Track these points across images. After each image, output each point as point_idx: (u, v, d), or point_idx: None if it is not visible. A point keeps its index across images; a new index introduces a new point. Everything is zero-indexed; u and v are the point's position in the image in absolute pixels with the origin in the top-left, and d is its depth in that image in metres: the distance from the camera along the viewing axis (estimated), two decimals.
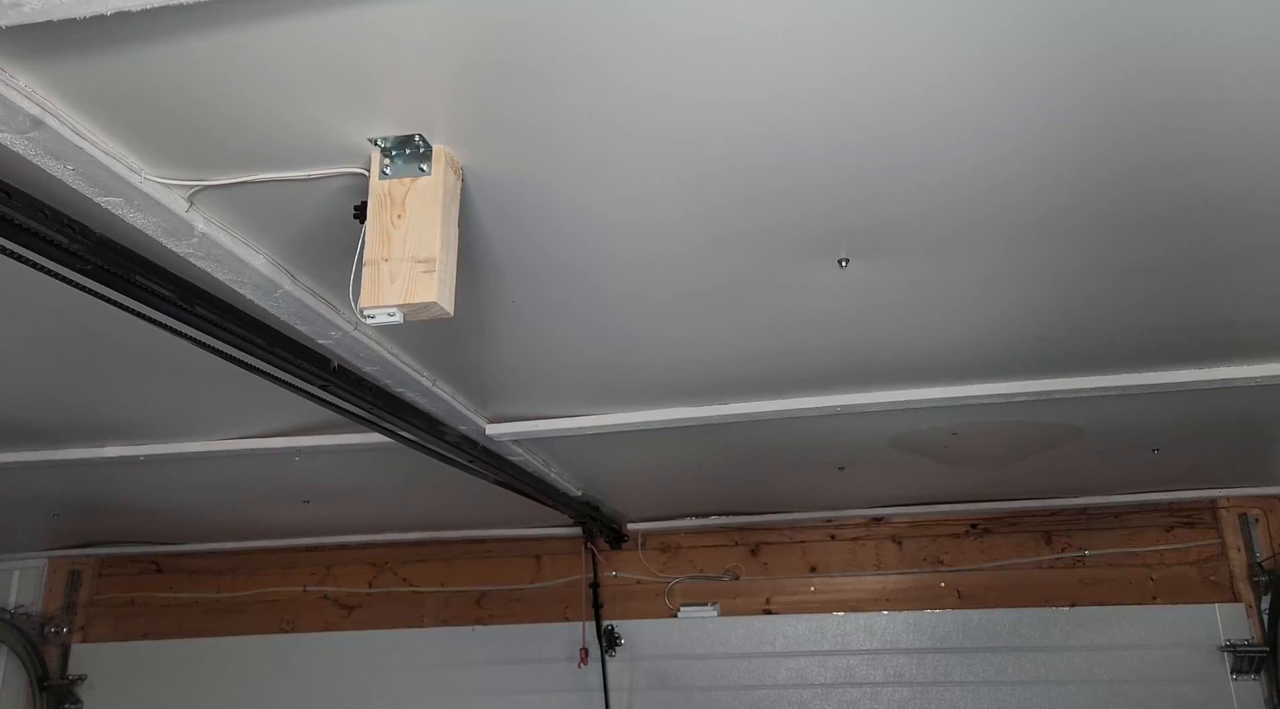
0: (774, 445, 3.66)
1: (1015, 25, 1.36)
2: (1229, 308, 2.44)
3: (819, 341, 2.63)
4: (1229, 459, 4.11)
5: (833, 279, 2.21)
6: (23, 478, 3.81)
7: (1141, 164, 1.74)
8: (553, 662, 5.16)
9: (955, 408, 3.18)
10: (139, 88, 1.46)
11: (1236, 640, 4.55)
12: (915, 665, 4.84)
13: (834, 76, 1.46)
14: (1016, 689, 4.69)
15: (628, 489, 4.52)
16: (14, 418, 3.17)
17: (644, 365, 2.81)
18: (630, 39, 1.37)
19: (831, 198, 1.83)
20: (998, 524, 5.02)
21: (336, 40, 1.36)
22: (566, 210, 1.87)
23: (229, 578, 5.76)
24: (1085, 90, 1.51)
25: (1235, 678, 4.51)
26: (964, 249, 2.07)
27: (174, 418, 3.24)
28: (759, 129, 1.60)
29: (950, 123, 1.59)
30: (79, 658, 5.69)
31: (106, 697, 5.59)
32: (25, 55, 1.38)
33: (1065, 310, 2.44)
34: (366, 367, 2.53)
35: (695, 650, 5.06)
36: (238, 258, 1.90)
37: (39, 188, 1.61)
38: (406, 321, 1.61)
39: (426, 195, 1.60)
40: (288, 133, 1.58)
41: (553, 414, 3.25)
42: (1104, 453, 3.84)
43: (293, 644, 5.53)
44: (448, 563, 5.53)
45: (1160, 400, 3.12)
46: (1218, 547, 4.77)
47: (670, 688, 5.03)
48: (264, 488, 4.21)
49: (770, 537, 5.25)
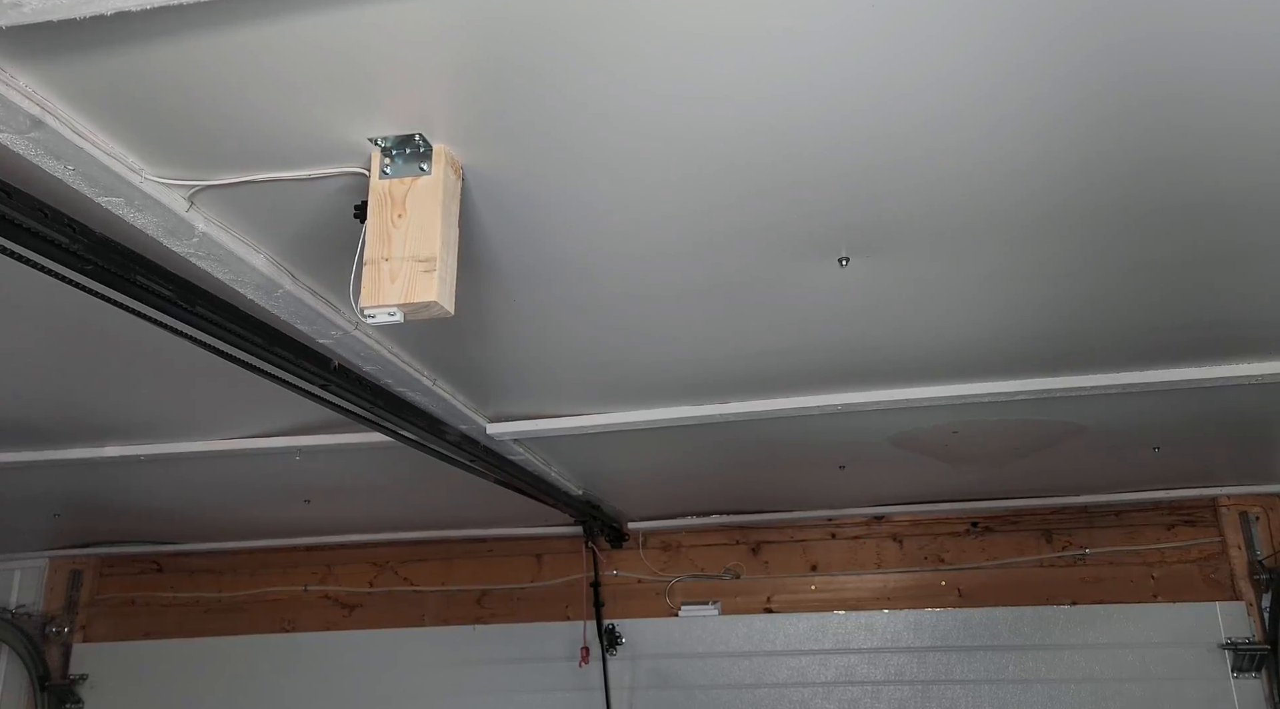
0: (775, 444, 3.66)
1: (1016, 24, 1.36)
2: (1230, 306, 2.44)
3: (820, 340, 2.63)
4: (1230, 457, 4.11)
5: (833, 277, 2.21)
6: (23, 478, 3.81)
7: (1142, 162, 1.73)
8: (553, 661, 5.16)
9: (956, 406, 3.18)
10: (139, 87, 1.46)
11: (1237, 638, 4.55)
12: (916, 664, 4.84)
13: (834, 75, 1.46)
14: (1017, 688, 4.69)
15: (628, 488, 4.52)
16: (14, 418, 3.17)
17: (645, 364, 2.81)
18: (630, 38, 1.37)
19: (832, 196, 1.83)
20: (998, 522, 5.03)
21: (336, 40, 1.36)
22: (567, 209, 1.86)
23: (230, 577, 5.76)
24: (1086, 88, 1.51)
25: (1236, 676, 4.51)
26: (965, 247, 2.07)
27: (175, 418, 3.24)
28: (759, 127, 1.59)
29: (951, 121, 1.59)
30: (80, 658, 5.69)
31: (107, 696, 5.59)
32: (25, 55, 1.37)
33: (1066, 309, 2.44)
34: (367, 366, 2.53)
35: (696, 649, 5.06)
36: (238, 257, 1.90)
37: (40, 188, 1.61)
38: (407, 321, 1.61)
39: (427, 194, 1.60)
40: (288, 132, 1.58)
41: (553, 413, 3.25)
42: (1105, 451, 3.84)
43: (293, 644, 5.53)
44: (448, 562, 5.53)
45: (1161, 399, 3.12)
46: (1218, 545, 4.77)
47: (671, 687, 5.03)
48: (264, 487, 4.21)
49: (771, 535, 5.25)
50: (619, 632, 5.15)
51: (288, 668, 5.47)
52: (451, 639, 5.34)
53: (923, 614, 4.92)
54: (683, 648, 5.08)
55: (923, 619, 4.91)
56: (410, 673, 5.33)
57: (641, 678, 5.08)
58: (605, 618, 5.16)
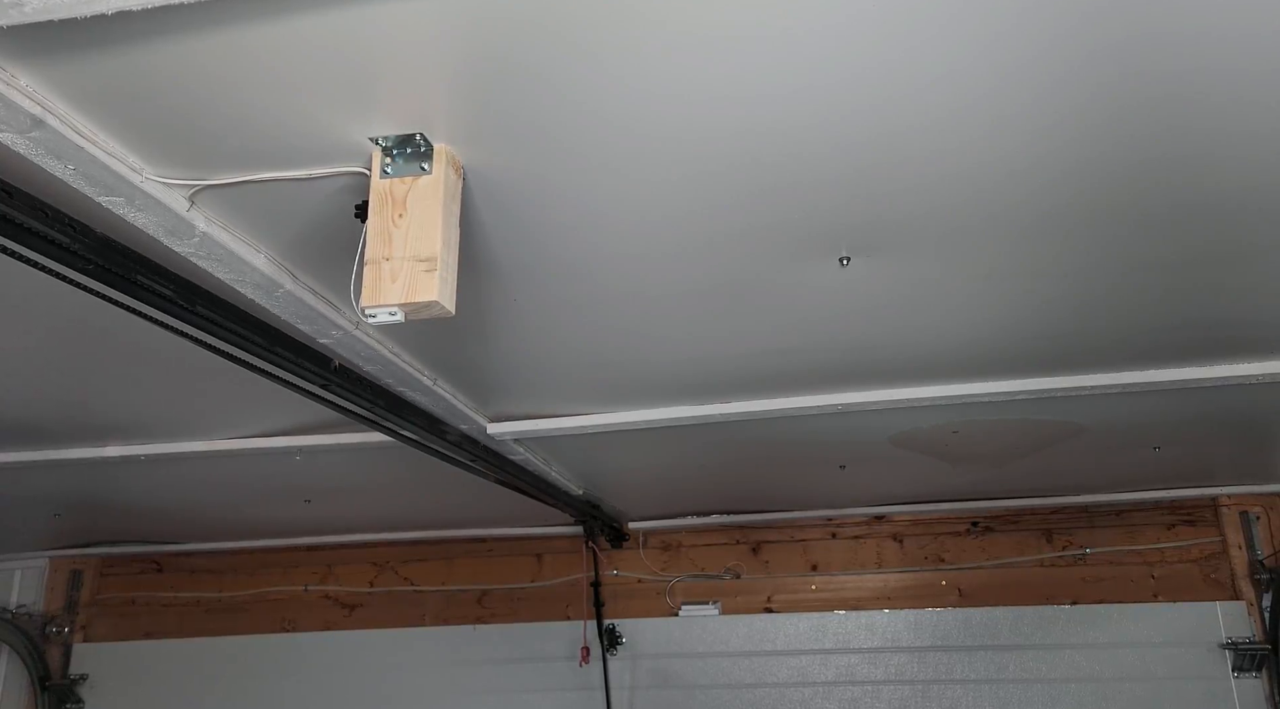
0: (775, 444, 3.66)
1: (1016, 24, 1.36)
2: (1230, 306, 2.44)
3: (820, 340, 2.63)
4: (1230, 457, 4.11)
5: (834, 277, 2.21)
6: (24, 478, 3.81)
7: (1142, 162, 1.73)
8: (554, 660, 5.16)
9: (956, 406, 3.18)
10: (140, 87, 1.46)
11: (1237, 638, 4.55)
12: (916, 663, 4.84)
13: (835, 74, 1.46)
14: (1018, 687, 4.69)
15: (628, 488, 4.53)
16: (15, 418, 3.17)
17: (645, 364, 2.81)
18: (631, 37, 1.37)
19: (832, 196, 1.83)
20: (999, 522, 5.03)
21: (337, 40, 1.36)
22: (568, 208, 1.86)
23: (230, 577, 5.76)
24: (1086, 88, 1.51)
25: (1236, 675, 4.51)
26: (965, 247, 2.07)
27: (175, 417, 3.25)
28: (760, 126, 1.59)
29: (952, 121, 1.59)
30: (80, 657, 5.69)
31: (108, 696, 5.59)
32: (26, 55, 1.37)
33: (1067, 308, 2.44)
34: (367, 366, 2.53)
35: (696, 649, 5.07)
36: (239, 257, 1.90)
37: (40, 188, 1.61)
38: (408, 320, 1.61)
39: (427, 194, 1.60)
40: (288, 132, 1.58)
41: (553, 413, 3.25)
42: (1105, 451, 3.84)
43: (293, 644, 5.54)
44: (449, 562, 5.53)
45: (1161, 398, 3.12)
46: (1219, 544, 4.77)
47: (672, 687, 5.03)
48: (264, 487, 4.21)
49: (771, 535, 5.25)
50: (619, 631, 5.15)
51: (288, 668, 5.47)
52: (451, 639, 5.34)
53: (923, 614, 4.92)
54: (683, 648, 5.09)
55: (923, 619, 4.91)
56: (410, 673, 5.33)
57: (642, 677, 5.08)
58: (606, 617, 5.16)
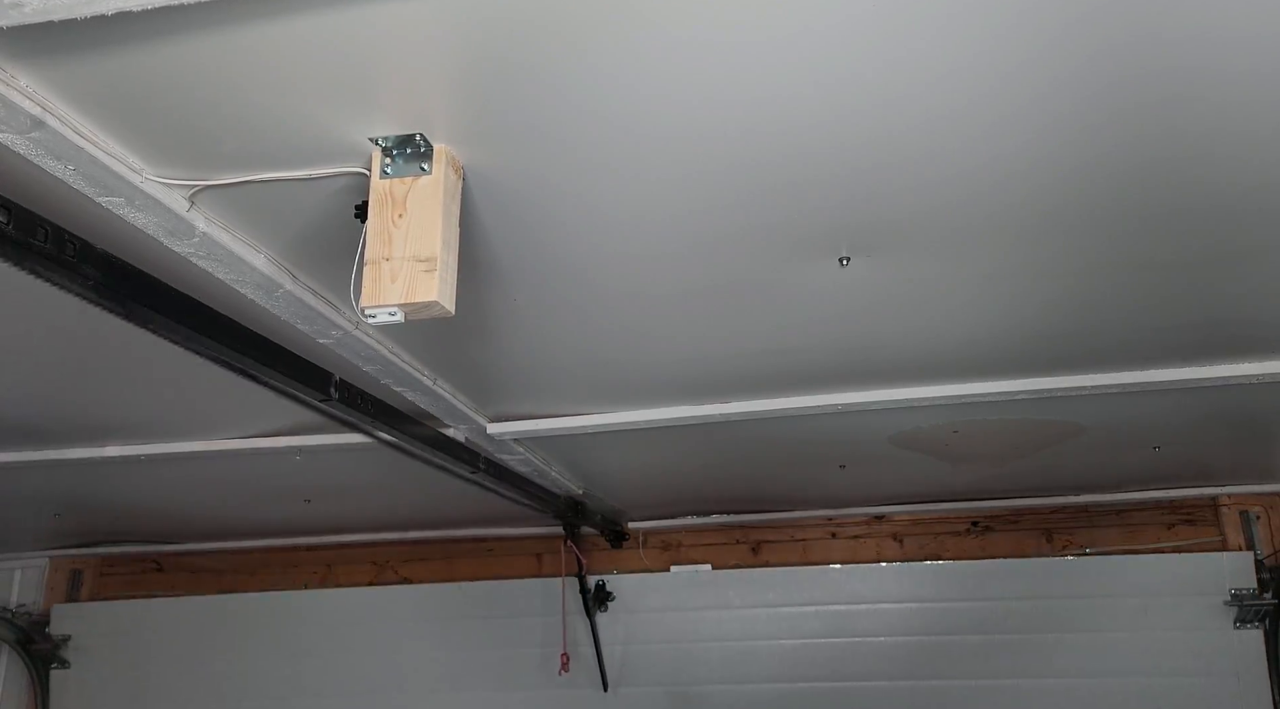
0: (775, 443, 3.66)
1: (1016, 24, 1.36)
2: (1230, 305, 2.44)
3: (820, 340, 2.63)
4: (1230, 456, 4.11)
5: (834, 277, 2.21)
6: (23, 478, 3.81)
7: (1142, 162, 1.73)
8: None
9: (956, 406, 3.18)
10: (140, 88, 1.46)
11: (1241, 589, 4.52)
12: (913, 617, 4.82)
13: (835, 74, 1.46)
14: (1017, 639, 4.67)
15: (629, 488, 4.52)
16: (14, 418, 3.17)
17: (645, 364, 2.81)
18: (631, 37, 1.37)
19: (832, 195, 1.83)
20: (999, 522, 5.02)
21: (336, 40, 1.36)
22: (567, 208, 1.86)
23: (230, 577, 5.76)
24: (1086, 89, 1.51)
25: (1239, 627, 4.49)
26: (965, 247, 2.07)
27: (175, 417, 3.24)
28: (759, 126, 1.59)
29: (951, 120, 1.59)
30: (61, 618, 5.60)
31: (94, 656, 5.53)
32: (26, 55, 1.37)
33: (1067, 308, 2.44)
34: (367, 366, 2.53)
35: (687, 604, 5.06)
36: (238, 257, 1.90)
37: (41, 187, 1.61)
38: (407, 321, 1.61)
39: (427, 194, 1.60)
40: (288, 132, 1.58)
41: (553, 413, 3.25)
42: (1105, 450, 3.84)
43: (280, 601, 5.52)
44: (449, 562, 5.53)
45: (1161, 398, 3.12)
46: (1219, 544, 4.77)
47: (662, 641, 5.01)
48: (264, 487, 4.21)
49: (771, 535, 5.25)
50: (609, 588, 5.13)
51: (274, 623, 5.44)
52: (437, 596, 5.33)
53: (921, 567, 4.91)
54: (675, 603, 5.08)
55: (922, 572, 4.90)
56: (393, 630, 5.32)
57: (636, 631, 5.06)
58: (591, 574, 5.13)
